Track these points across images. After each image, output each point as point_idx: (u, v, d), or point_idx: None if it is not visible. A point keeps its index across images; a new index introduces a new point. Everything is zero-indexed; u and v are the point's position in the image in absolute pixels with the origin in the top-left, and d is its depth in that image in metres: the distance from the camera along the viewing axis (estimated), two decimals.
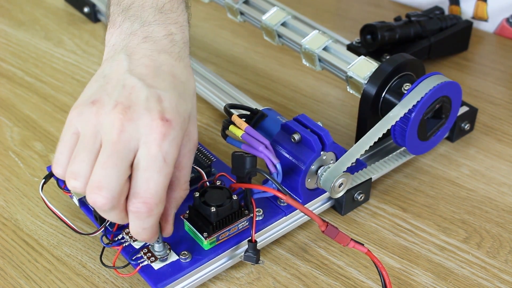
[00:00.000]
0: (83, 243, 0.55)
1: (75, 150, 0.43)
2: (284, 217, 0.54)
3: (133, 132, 0.42)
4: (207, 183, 0.53)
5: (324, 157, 0.53)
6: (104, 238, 0.50)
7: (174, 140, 0.42)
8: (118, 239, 0.50)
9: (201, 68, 0.72)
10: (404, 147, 0.61)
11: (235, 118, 0.53)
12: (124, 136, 0.41)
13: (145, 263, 0.49)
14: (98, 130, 0.42)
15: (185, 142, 0.45)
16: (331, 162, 0.54)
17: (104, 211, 0.42)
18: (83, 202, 0.53)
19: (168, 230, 0.47)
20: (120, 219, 0.44)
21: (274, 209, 0.54)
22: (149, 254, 0.49)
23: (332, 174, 0.52)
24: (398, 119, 0.55)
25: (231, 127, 0.53)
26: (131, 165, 0.42)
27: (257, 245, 0.51)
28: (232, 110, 0.55)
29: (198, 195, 0.50)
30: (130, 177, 0.42)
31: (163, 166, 0.42)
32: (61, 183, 0.55)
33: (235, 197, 0.50)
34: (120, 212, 0.43)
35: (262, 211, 0.53)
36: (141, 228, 0.43)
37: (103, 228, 0.50)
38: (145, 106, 0.42)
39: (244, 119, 0.55)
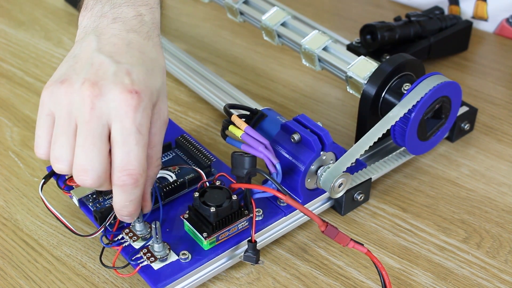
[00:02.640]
0: (83, 243, 0.55)
1: (54, 133, 0.44)
2: (284, 217, 0.54)
3: (104, 107, 0.43)
4: (207, 183, 0.53)
5: (324, 157, 0.53)
6: (103, 238, 0.50)
7: (145, 111, 0.44)
8: (118, 239, 0.50)
9: (201, 68, 0.72)
10: (404, 147, 0.61)
11: (234, 118, 0.53)
12: (95, 113, 0.43)
13: (145, 263, 0.49)
14: (70, 110, 0.43)
15: (155, 120, 0.46)
16: (331, 162, 0.54)
17: (94, 188, 0.45)
18: (83, 202, 0.53)
19: (147, 207, 0.49)
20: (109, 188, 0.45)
21: (273, 209, 0.54)
22: (149, 254, 0.49)
23: (332, 174, 0.52)
24: (398, 119, 0.55)
25: (231, 127, 0.53)
26: (109, 139, 0.43)
27: (257, 245, 0.51)
28: (232, 110, 0.55)
29: (197, 195, 0.50)
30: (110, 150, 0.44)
31: (140, 138, 0.43)
32: (61, 184, 0.55)
33: (234, 197, 0.50)
34: (109, 185, 0.45)
35: (261, 211, 0.53)
36: (128, 200, 0.45)
37: (102, 229, 0.50)
38: (113, 80, 0.43)
39: (243, 119, 0.55)
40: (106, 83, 0.43)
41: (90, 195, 0.53)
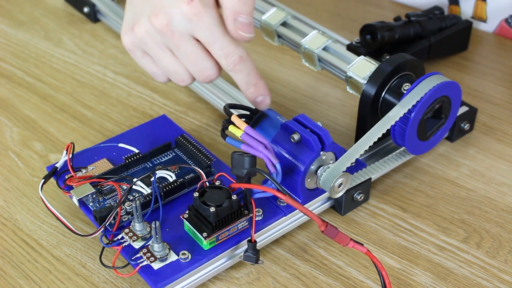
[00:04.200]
0: (82, 243, 0.55)
1: (160, 65, 0.53)
2: (284, 217, 0.54)
3: (181, 26, 0.49)
4: (207, 183, 0.53)
5: (324, 157, 0.53)
6: (103, 238, 0.50)
7: (209, 10, 0.49)
8: (118, 239, 0.50)
9: None
10: (403, 147, 0.61)
11: (234, 118, 0.53)
12: (176, 34, 0.50)
13: (145, 263, 0.49)
14: (157, 41, 0.51)
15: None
16: (331, 162, 0.54)
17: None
18: (82, 202, 0.53)
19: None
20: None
21: (273, 209, 0.54)
22: (149, 254, 0.49)
23: (332, 174, 0.52)
24: (397, 119, 0.55)
25: (231, 127, 0.53)
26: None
27: (257, 245, 0.51)
28: (231, 110, 0.55)
29: (197, 195, 0.50)
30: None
31: (221, 30, 0.51)
32: (61, 183, 0.55)
33: (234, 197, 0.50)
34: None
35: (261, 211, 0.53)
36: (246, 75, 0.53)
37: (102, 229, 0.50)
38: (170, 3, 0.49)
39: (243, 119, 0.55)
40: (167, 9, 0.49)
41: (90, 195, 0.53)
